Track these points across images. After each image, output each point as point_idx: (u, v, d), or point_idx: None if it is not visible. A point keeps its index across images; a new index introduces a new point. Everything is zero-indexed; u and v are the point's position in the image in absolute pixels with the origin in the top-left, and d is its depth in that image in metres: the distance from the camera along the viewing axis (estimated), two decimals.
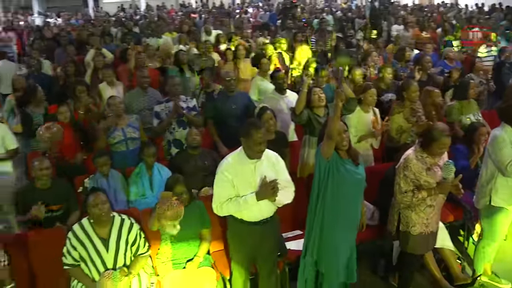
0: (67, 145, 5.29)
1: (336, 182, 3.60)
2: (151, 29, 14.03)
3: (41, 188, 4.53)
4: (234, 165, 3.72)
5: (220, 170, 3.75)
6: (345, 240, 3.80)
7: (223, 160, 3.85)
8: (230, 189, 3.71)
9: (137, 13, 24.61)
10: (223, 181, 3.72)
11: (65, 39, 11.10)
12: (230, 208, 3.74)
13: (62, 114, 5.37)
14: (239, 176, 3.69)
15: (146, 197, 4.86)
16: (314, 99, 5.15)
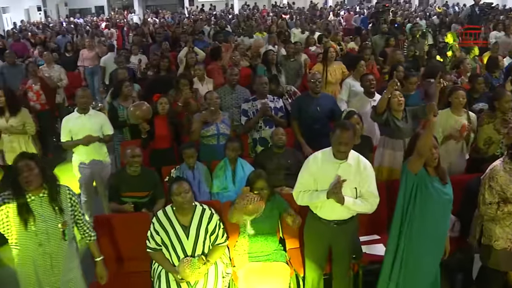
0: (161, 136, 5.59)
1: (423, 200, 3.55)
2: (241, 29, 14.39)
3: (132, 174, 4.81)
4: (321, 160, 3.84)
5: (308, 162, 3.91)
6: (430, 264, 3.74)
7: (313, 153, 3.98)
8: (311, 182, 3.84)
9: (230, 13, 25.20)
10: (306, 173, 3.87)
11: (161, 36, 11.59)
12: (305, 198, 3.88)
13: (162, 105, 5.66)
14: (322, 171, 3.79)
15: (228, 190, 5.01)
16: (394, 102, 5.13)
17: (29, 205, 3.33)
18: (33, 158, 3.34)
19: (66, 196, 3.51)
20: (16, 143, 6.23)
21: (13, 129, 6.13)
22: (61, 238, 3.44)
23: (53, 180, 3.44)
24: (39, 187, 3.36)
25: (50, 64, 9.08)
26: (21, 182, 3.26)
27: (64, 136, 5.50)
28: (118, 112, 6.34)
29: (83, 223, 3.69)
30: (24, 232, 3.32)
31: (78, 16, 28.42)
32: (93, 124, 5.49)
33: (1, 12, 22.94)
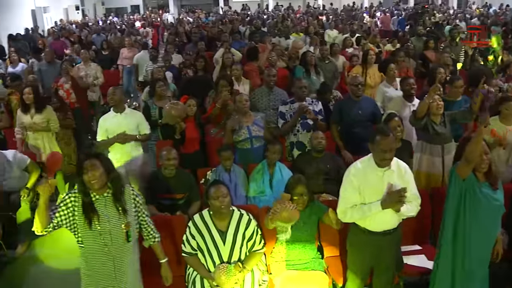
0: (191, 138, 5.52)
1: (473, 206, 3.40)
2: (277, 29, 14.25)
3: (167, 176, 4.73)
4: (363, 171, 3.64)
5: (348, 174, 3.69)
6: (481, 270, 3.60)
7: (352, 164, 3.77)
8: (356, 195, 3.63)
9: (265, 13, 25.12)
10: (350, 187, 3.65)
11: (196, 36, 11.56)
12: (354, 215, 3.66)
13: (190, 107, 5.59)
14: (366, 182, 3.61)
15: (265, 194, 4.90)
16: (432, 106, 4.93)
17: (93, 205, 3.26)
18: (98, 157, 3.26)
19: (130, 197, 3.41)
20: (40, 140, 6.32)
21: (37, 126, 6.22)
22: (124, 240, 3.34)
23: (117, 180, 3.34)
24: (103, 187, 3.28)
25: (86, 62, 9.12)
26: (86, 181, 3.19)
27: (100, 135, 5.47)
28: (151, 111, 6.29)
29: (147, 224, 3.59)
30: (88, 232, 3.25)
31: (112, 15, 28.81)
32: (129, 123, 5.45)
33: (42, 12, 23.35)
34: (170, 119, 5.38)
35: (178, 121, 5.38)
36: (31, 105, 6.22)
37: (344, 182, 3.71)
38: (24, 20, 21.34)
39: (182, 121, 5.41)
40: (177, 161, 4.72)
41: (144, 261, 3.78)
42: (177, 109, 5.32)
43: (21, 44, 13.98)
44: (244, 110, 5.41)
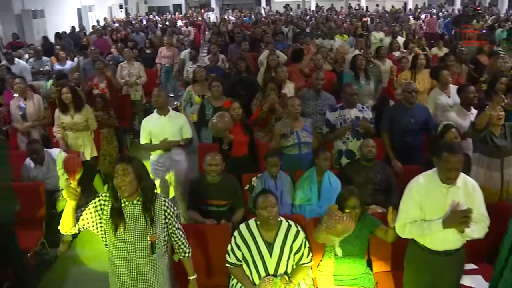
0: (238, 143, 5.33)
1: None
2: (320, 30, 14.00)
3: (210, 182, 4.59)
4: (425, 186, 3.39)
5: (410, 189, 3.45)
6: None
7: (415, 178, 3.52)
8: (417, 211, 3.40)
9: (307, 13, 24.86)
10: (411, 201, 3.42)
11: (239, 36, 11.44)
12: (412, 231, 3.43)
13: (235, 111, 5.42)
14: (428, 198, 3.36)
15: (311, 203, 4.71)
16: (493, 116, 4.63)
17: (122, 211, 3.11)
18: (131, 162, 3.08)
19: (161, 207, 3.20)
20: (80, 140, 6.30)
21: (79, 126, 6.20)
22: (149, 251, 3.16)
23: (149, 188, 3.16)
24: (133, 194, 3.10)
25: (130, 61, 9.09)
26: (116, 186, 3.05)
27: (144, 138, 5.37)
28: (206, 110, 6.20)
29: (178, 237, 3.39)
30: (113, 238, 3.11)
31: (154, 13, 29.08)
32: (172, 126, 5.32)
33: (87, 11, 23.74)
34: (217, 131, 5.22)
35: (226, 134, 5.20)
36: (70, 105, 6.19)
37: (405, 195, 3.48)
38: (70, 18, 21.72)
39: (229, 133, 5.23)
40: (221, 166, 4.57)
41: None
42: (224, 122, 5.15)
43: (66, 42, 14.18)
44: (296, 115, 5.22)
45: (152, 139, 5.31)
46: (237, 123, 5.40)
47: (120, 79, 8.92)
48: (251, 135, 5.53)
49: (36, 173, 5.46)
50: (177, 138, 5.32)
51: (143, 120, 5.47)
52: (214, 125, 5.18)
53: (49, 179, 5.45)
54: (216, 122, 5.16)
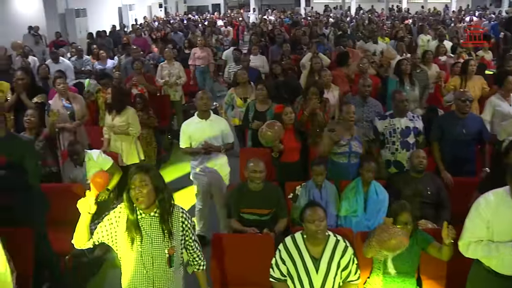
0: (290, 148, 5.17)
1: None
2: (361, 32, 13.71)
3: (253, 189, 4.44)
4: (495, 204, 3.11)
5: (477, 206, 3.17)
6: None
7: (483, 195, 3.25)
8: (484, 230, 3.13)
9: (347, 15, 24.51)
10: (478, 219, 3.16)
11: (281, 37, 11.25)
12: (477, 252, 3.17)
13: (287, 116, 5.24)
14: (497, 218, 3.08)
15: (357, 215, 4.51)
16: None
17: (138, 223, 2.98)
18: (148, 172, 2.94)
19: (178, 219, 3.07)
20: (119, 142, 6.19)
21: (116, 129, 6.09)
22: (166, 264, 3.04)
23: (166, 200, 3.02)
24: (151, 205, 2.97)
25: (170, 61, 9.03)
26: (132, 198, 2.91)
27: (184, 142, 5.22)
28: (249, 113, 6.07)
29: (193, 249, 3.26)
30: (129, 251, 2.98)
31: (194, 13, 29.18)
32: (213, 130, 5.16)
33: (128, 9, 23.97)
34: (267, 140, 5.05)
35: (275, 143, 5.04)
36: (112, 106, 6.14)
37: (472, 212, 3.22)
38: (111, 17, 21.97)
39: (280, 142, 5.06)
40: (265, 174, 4.41)
41: None
42: (274, 130, 4.98)
43: (106, 41, 14.29)
44: (350, 123, 5.03)
45: (192, 143, 5.17)
46: (290, 128, 5.23)
47: (160, 79, 8.88)
48: (304, 141, 5.32)
49: (77, 173, 5.41)
50: (218, 143, 5.15)
51: (183, 124, 5.32)
52: (263, 134, 5.03)
53: (88, 180, 5.39)
54: (265, 131, 5.01)
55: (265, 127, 5.05)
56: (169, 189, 3.09)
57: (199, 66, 10.96)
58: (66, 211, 4.77)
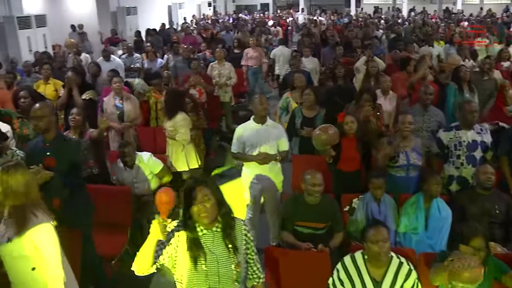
0: (349, 158, 4.90)
1: None
2: (414, 35, 13.24)
3: (309, 202, 4.21)
4: None
5: None
6: None
7: None
8: None
9: (399, 16, 23.88)
10: None
11: (334, 39, 10.95)
12: None
13: (348, 125, 4.94)
14: None
15: (417, 232, 4.22)
16: None
17: (200, 241, 2.77)
18: (209, 185, 2.74)
19: (241, 232, 2.87)
20: (169, 148, 6.04)
21: (166, 132, 5.95)
22: (233, 282, 2.83)
23: (229, 213, 2.83)
24: (213, 220, 2.78)
25: (221, 61, 8.88)
26: (194, 214, 2.71)
27: (236, 146, 4.99)
28: (296, 119, 5.82)
29: (254, 262, 3.04)
30: (193, 272, 2.75)
31: (245, 12, 29.10)
32: (269, 136, 4.90)
33: (177, 8, 24.09)
34: (319, 144, 4.80)
35: (327, 148, 4.77)
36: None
37: None
38: (161, 15, 22.12)
39: (331, 148, 4.78)
40: (323, 187, 4.16)
41: None
42: (328, 134, 4.73)
43: (155, 39, 14.30)
44: (406, 134, 4.75)
45: (246, 148, 4.94)
46: (351, 137, 4.95)
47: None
48: (368, 151, 5.02)
49: (126, 176, 5.32)
50: (273, 150, 4.90)
51: (237, 127, 5.06)
52: (317, 137, 4.78)
53: (137, 183, 5.30)
54: (319, 134, 4.76)
55: (319, 130, 4.81)
56: (228, 202, 2.88)
57: (252, 66, 10.79)
58: (110, 214, 4.74)
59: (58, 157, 3.93)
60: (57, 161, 3.91)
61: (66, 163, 3.96)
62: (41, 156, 3.90)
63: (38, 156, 3.92)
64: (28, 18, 12.01)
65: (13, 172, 3.02)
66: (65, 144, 4.06)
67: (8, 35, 11.60)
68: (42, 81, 7.55)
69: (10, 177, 3.00)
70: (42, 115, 3.93)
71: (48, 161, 3.85)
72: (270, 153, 4.84)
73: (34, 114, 3.94)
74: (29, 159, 3.98)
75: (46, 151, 3.96)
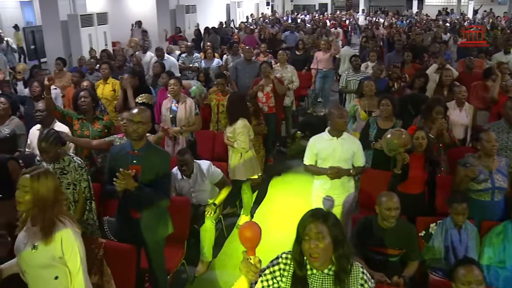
0: (415, 178, 4.51)
1: None
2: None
3: (383, 226, 3.84)
4: None
5: None
6: None
7: None
8: None
9: (465, 19, 22.87)
10: None
11: (400, 43, 10.40)
12: None
13: (418, 141, 4.56)
14: None
15: (505, 267, 3.79)
16: None
17: (307, 281, 2.43)
18: (326, 221, 2.36)
19: (357, 281, 2.42)
20: (230, 153, 5.81)
21: (225, 138, 5.71)
22: None
23: (346, 256, 2.39)
24: (326, 261, 2.41)
25: (283, 64, 8.51)
26: (305, 252, 2.39)
27: (309, 158, 4.64)
28: (369, 130, 5.44)
29: None
30: None
31: (305, 12, 28.72)
32: (345, 151, 4.52)
33: (236, 6, 23.98)
34: (390, 148, 4.42)
35: (400, 151, 4.37)
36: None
37: None
38: (219, 14, 22.07)
39: (405, 152, 4.40)
40: (399, 211, 3.78)
41: None
42: (400, 137, 4.34)
43: (212, 38, 14.14)
44: (491, 153, 4.31)
45: (319, 161, 4.59)
46: (419, 155, 4.55)
47: None
48: (433, 171, 4.62)
49: (182, 185, 5.09)
50: (347, 165, 4.55)
51: (311, 138, 4.68)
52: (388, 140, 4.40)
53: (195, 193, 5.07)
54: (390, 137, 4.38)
55: (390, 134, 4.43)
56: (348, 242, 2.49)
57: (321, 69, 10.36)
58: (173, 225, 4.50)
59: (144, 166, 3.69)
60: (142, 171, 3.68)
61: (152, 174, 3.70)
62: (126, 163, 3.69)
63: (123, 162, 3.69)
64: (91, 16, 12.13)
65: (43, 179, 2.83)
66: (154, 154, 3.77)
67: (71, 33, 11.74)
68: (102, 81, 7.47)
69: (41, 184, 2.81)
70: (143, 121, 3.66)
71: (133, 170, 3.62)
72: (343, 167, 4.49)
73: (135, 119, 3.64)
74: (112, 163, 3.77)
75: (133, 159, 3.71)
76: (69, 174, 3.96)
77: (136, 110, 3.73)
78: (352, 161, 4.58)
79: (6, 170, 4.15)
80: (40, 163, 4.05)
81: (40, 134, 3.94)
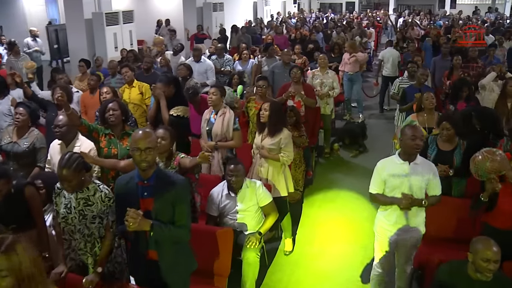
0: (503, 211, 3.79)
1: None
2: None
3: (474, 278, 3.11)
4: None
5: None
6: None
7: None
8: None
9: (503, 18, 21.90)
10: None
11: (448, 47, 9.56)
12: None
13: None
14: None
15: None
16: None
17: None
18: None
19: None
20: (266, 168, 5.08)
21: (264, 152, 5.01)
22: None
23: None
24: None
25: (324, 68, 7.79)
26: None
27: (377, 187, 3.93)
28: (428, 151, 4.72)
29: None
30: None
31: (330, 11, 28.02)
32: (418, 178, 3.81)
33: (263, 5, 23.34)
34: (483, 172, 3.74)
35: (493, 177, 3.69)
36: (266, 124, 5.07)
37: None
38: (246, 12, 21.53)
39: (497, 179, 3.70)
40: (499, 264, 3.05)
41: None
42: (495, 160, 3.67)
43: (245, 38, 13.45)
44: None
45: (387, 189, 3.88)
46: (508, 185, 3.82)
47: None
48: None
49: (227, 202, 4.46)
50: (421, 194, 3.83)
51: (378, 163, 3.99)
52: (480, 163, 3.74)
53: (239, 214, 4.42)
54: (482, 160, 3.71)
55: (481, 155, 3.76)
56: None
57: (347, 72, 9.67)
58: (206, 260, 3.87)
59: (157, 198, 3.06)
60: (156, 204, 3.06)
61: (168, 206, 3.07)
62: (136, 197, 3.06)
63: (133, 195, 3.07)
64: (116, 14, 11.62)
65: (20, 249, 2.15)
66: (167, 182, 3.11)
67: (96, 32, 11.24)
68: (127, 85, 6.86)
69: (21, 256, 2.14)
70: (151, 146, 3.00)
71: (145, 204, 3.03)
72: (416, 196, 3.79)
73: (141, 145, 2.98)
74: (120, 197, 3.17)
75: (144, 191, 3.07)
76: (95, 206, 3.36)
77: (140, 134, 3.04)
78: (428, 189, 3.87)
79: (23, 197, 3.57)
80: (61, 191, 3.44)
81: (61, 160, 3.29)
